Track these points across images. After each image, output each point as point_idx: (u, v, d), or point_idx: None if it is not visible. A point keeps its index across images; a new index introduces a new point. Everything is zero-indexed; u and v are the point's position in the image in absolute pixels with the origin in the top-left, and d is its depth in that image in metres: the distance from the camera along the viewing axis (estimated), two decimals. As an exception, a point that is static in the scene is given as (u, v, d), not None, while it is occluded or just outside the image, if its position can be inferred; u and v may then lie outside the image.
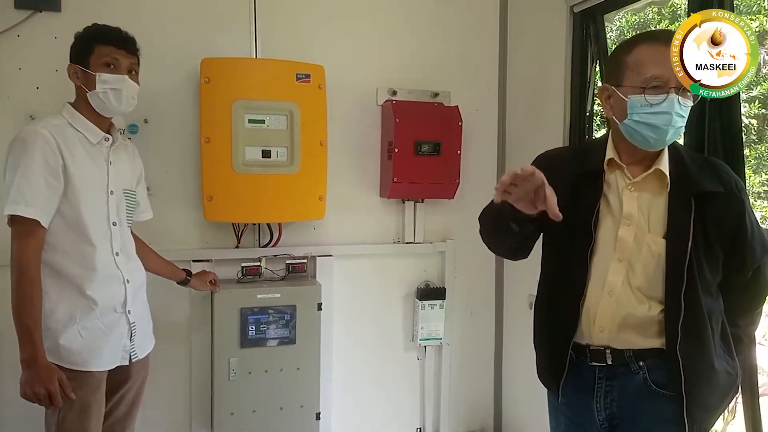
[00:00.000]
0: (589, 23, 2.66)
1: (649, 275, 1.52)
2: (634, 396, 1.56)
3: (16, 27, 2.41)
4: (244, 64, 2.61)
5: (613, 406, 1.58)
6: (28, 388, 1.75)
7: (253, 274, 2.73)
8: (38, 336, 1.76)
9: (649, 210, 1.54)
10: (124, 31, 1.97)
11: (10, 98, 2.42)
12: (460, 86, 3.08)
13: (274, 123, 2.58)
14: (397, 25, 2.99)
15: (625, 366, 1.56)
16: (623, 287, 1.53)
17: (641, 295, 1.53)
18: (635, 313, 1.53)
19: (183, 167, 2.66)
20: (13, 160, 1.79)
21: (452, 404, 3.20)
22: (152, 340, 2.18)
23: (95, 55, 1.92)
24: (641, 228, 1.53)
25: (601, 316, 1.55)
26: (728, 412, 1.84)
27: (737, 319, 1.64)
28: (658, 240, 1.51)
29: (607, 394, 1.59)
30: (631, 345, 1.54)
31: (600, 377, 1.59)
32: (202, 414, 2.73)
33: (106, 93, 1.91)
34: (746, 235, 1.52)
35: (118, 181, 1.99)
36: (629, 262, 1.53)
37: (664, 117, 1.45)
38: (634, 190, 1.55)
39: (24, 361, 1.75)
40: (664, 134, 1.46)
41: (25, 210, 1.76)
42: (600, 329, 1.55)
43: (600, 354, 1.58)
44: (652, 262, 1.51)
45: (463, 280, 3.18)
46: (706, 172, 1.53)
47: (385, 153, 2.92)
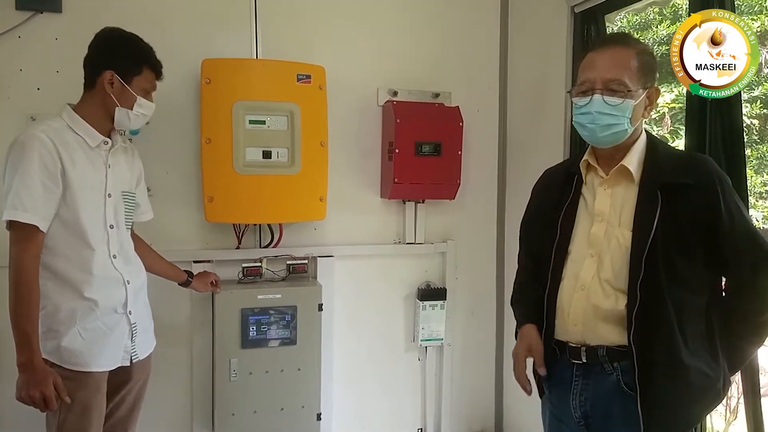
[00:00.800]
0: (590, 23, 2.65)
1: (615, 268, 1.56)
2: (608, 396, 1.58)
3: (17, 28, 2.41)
4: (245, 65, 2.61)
5: (587, 405, 1.62)
6: (23, 391, 1.75)
7: (254, 275, 2.73)
8: (35, 340, 1.76)
9: (621, 205, 1.59)
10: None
11: (10, 99, 2.42)
12: (461, 87, 3.08)
13: (274, 124, 2.58)
14: (398, 25, 2.99)
15: (600, 366, 1.59)
16: (593, 281, 1.59)
17: (609, 288, 1.57)
18: (602, 306, 1.56)
19: (184, 168, 2.66)
20: (12, 164, 1.79)
21: (453, 405, 3.20)
22: (153, 341, 2.18)
23: (142, 78, 1.97)
24: (612, 223, 1.59)
25: (574, 310, 1.61)
26: (730, 412, 1.83)
27: (737, 325, 1.59)
28: (626, 233, 1.55)
29: (582, 392, 1.63)
30: (603, 340, 1.58)
31: (577, 375, 1.64)
32: (203, 414, 2.73)
33: (137, 117, 1.97)
34: (722, 227, 1.50)
35: (116, 184, 1.99)
36: (599, 256, 1.59)
37: (587, 116, 1.56)
38: (608, 188, 1.62)
39: (21, 364, 1.75)
40: (592, 131, 1.57)
41: (24, 215, 1.75)
42: (574, 323, 1.61)
43: (576, 352, 1.62)
44: (619, 254, 1.55)
45: (464, 280, 3.18)
46: (680, 166, 1.56)
47: (385, 153, 2.92)
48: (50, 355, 1.85)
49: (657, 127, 4.78)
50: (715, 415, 3.24)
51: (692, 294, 1.54)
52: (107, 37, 1.98)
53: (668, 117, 4.80)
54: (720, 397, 1.59)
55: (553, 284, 1.67)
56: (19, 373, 1.76)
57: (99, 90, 1.93)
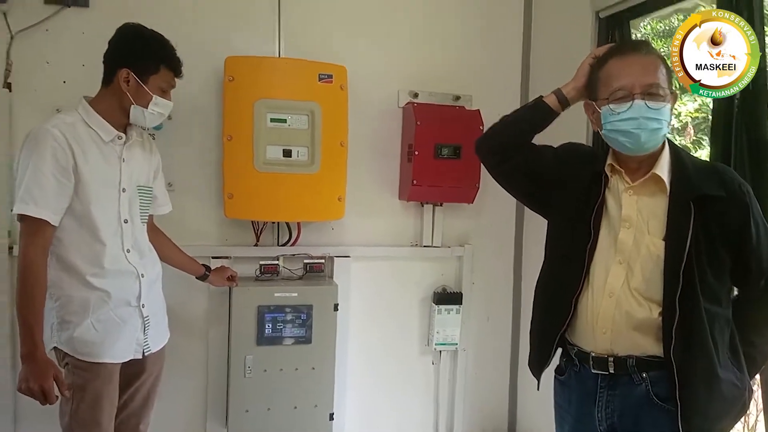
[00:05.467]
0: (615, 29, 2.63)
1: (646, 277, 1.53)
2: (636, 408, 1.55)
3: (44, 21, 2.45)
4: (268, 64, 2.63)
5: (614, 417, 1.58)
6: (23, 383, 1.76)
7: (271, 273, 2.74)
8: (38, 332, 1.78)
9: (648, 213, 1.56)
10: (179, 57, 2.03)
11: (37, 91, 2.46)
12: (483, 90, 3.07)
13: (295, 122, 2.59)
14: (421, 27, 2.99)
15: (628, 376, 1.56)
16: (622, 289, 1.55)
17: (640, 297, 1.54)
18: (635, 314, 1.53)
19: (205, 164, 2.68)
20: (25, 158, 1.80)
21: (466, 410, 3.18)
22: (167, 334, 2.19)
23: (159, 76, 1.97)
24: (640, 230, 1.56)
25: (603, 317, 1.57)
26: (748, 430, 1.81)
27: (752, 335, 1.59)
28: (657, 242, 1.53)
29: (608, 404, 1.59)
30: (633, 349, 1.55)
31: (602, 386, 1.60)
32: (217, 410, 2.74)
33: (153, 115, 1.97)
34: (751, 240, 1.50)
35: (131, 179, 2.00)
36: (629, 264, 1.56)
37: (632, 122, 1.50)
38: (633, 194, 1.58)
39: (23, 356, 1.77)
40: (637, 138, 1.51)
41: (34, 210, 1.76)
42: (603, 331, 1.57)
43: (603, 362, 1.58)
44: (650, 263, 1.53)
45: (480, 285, 3.17)
46: (708, 176, 1.53)
47: (405, 155, 2.92)
48: (64, 346, 1.87)
49: (680, 136, 4.73)
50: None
51: (721, 306, 1.53)
52: (125, 33, 1.98)
53: (691, 127, 4.75)
54: (746, 408, 1.58)
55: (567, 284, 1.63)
56: (21, 365, 1.78)
57: (116, 86, 1.94)
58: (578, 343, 1.64)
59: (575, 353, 1.66)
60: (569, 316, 1.62)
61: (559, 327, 1.64)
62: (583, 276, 1.60)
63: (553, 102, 1.77)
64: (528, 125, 1.82)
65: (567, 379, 1.71)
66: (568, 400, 1.71)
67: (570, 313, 1.62)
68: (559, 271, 1.70)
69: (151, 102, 1.95)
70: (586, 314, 1.60)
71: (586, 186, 1.65)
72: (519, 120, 1.85)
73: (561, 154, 1.81)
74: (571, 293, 1.61)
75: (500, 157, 1.83)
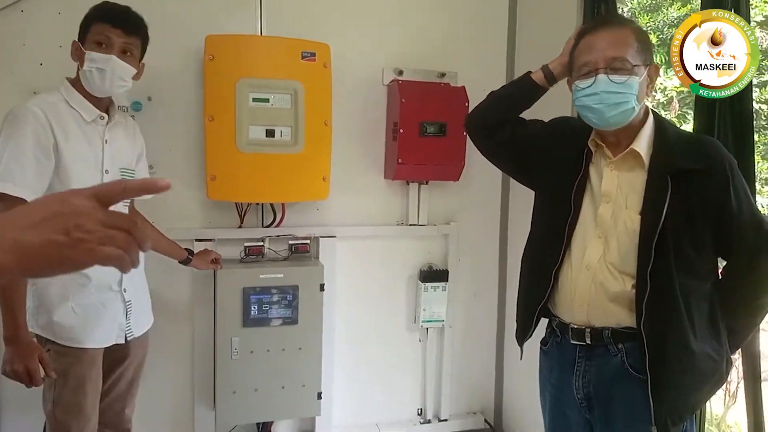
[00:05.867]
0: (601, 4, 2.60)
1: (622, 251, 1.55)
2: (611, 378, 1.60)
3: (19, 2, 2.39)
4: (249, 42, 2.59)
5: (590, 386, 1.63)
6: (8, 365, 1.75)
7: (256, 254, 2.73)
8: (21, 314, 1.76)
9: (628, 188, 1.58)
10: (128, 10, 1.92)
11: (14, 74, 2.41)
12: (468, 67, 3.04)
13: (278, 102, 2.56)
14: (404, 3, 2.95)
15: (604, 347, 1.60)
16: (599, 263, 1.58)
17: (615, 271, 1.57)
18: (610, 288, 1.57)
19: (186, 146, 2.65)
20: (4, 136, 1.77)
21: (453, 386, 3.21)
22: (150, 318, 2.18)
23: (91, 32, 1.89)
24: (619, 205, 1.58)
25: (580, 290, 1.61)
26: (729, 396, 1.84)
27: (735, 307, 1.61)
28: (633, 216, 1.54)
29: (585, 373, 1.64)
30: (609, 321, 1.58)
31: (580, 356, 1.65)
32: (204, 392, 2.75)
33: (92, 72, 1.86)
34: (731, 214, 1.50)
35: (114, 160, 1.97)
36: (606, 238, 1.58)
37: (593, 97, 1.52)
38: (614, 169, 1.60)
39: (6, 338, 1.76)
40: (601, 113, 1.53)
41: (12, 188, 1.73)
42: (580, 303, 1.61)
43: (580, 333, 1.63)
44: (626, 238, 1.55)
45: (466, 262, 3.18)
46: (691, 149, 1.54)
47: (390, 134, 2.90)
48: (44, 330, 1.86)
49: (665, 110, 4.73)
50: (715, 399, 3.26)
51: (699, 280, 1.54)
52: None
53: (676, 101, 4.75)
54: (723, 379, 1.61)
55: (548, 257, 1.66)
56: (4, 348, 1.77)
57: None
58: (559, 314, 1.69)
59: (556, 324, 1.71)
60: (549, 288, 1.66)
61: (540, 299, 1.69)
62: (563, 249, 1.63)
63: (539, 78, 1.79)
64: (516, 100, 1.85)
65: (549, 348, 1.77)
66: (550, 369, 1.78)
67: (550, 285, 1.66)
68: (541, 244, 1.74)
69: (86, 58, 1.86)
70: (566, 287, 1.64)
71: (571, 161, 1.67)
72: (507, 95, 1.88)
73: (549, 129, 1.83)
74: (552, 266, 1.65)
75: (488, 132, 1.85)
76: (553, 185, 1.71)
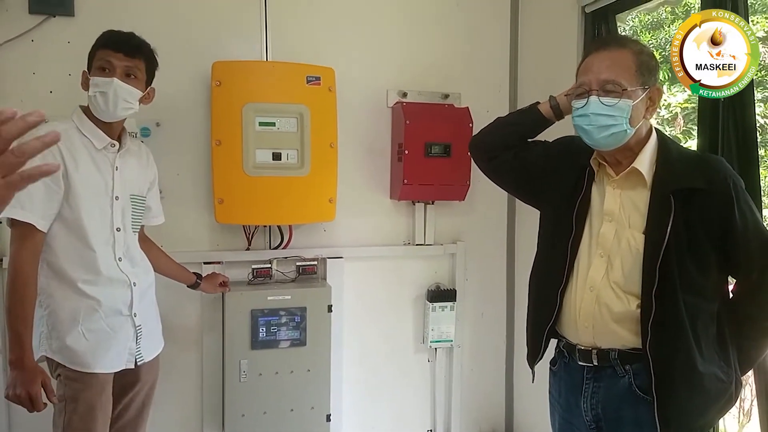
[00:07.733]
0: (601, 23, 2.64)
1: (625, 270, 1.54)
2: (619, 399, 1.58)
3: (30, 32, 2.44)
4: (255, 67, 2.63)
5: (599, 408, 1.61)
6: (11, 389, 1.76)
7: (264, 276, 2.74)
8: (27, 339, 1.77)
9: (630, 207, 1.57)
10: (130, 35, 1.96)
11: (23, 102, 2.44)
12: (471, 87, 3.07)
13: (284, 125, 2.59)
14: (408, 26, 2.99)
15: (612, 368, 1.58)
16: (603, 282, 1.57)
17: (619, 291, 1.55)
18: (614, 308, 1.55)
19: (194, 170, 2.68)
20: None
21: (463, 406, 3.19)
22: (161, 343, 2.19)
23: (95, 60, 1.93)
24: (621, 224, 1.57)
25: (585, 311, 1.59)
26: (743, 415, 1.82)
27: (745, 328, 1.58)
28: (637, 235, 1.53)
29: (593, 395, 1.62)
30: (615, 342, 1.56)
31: (588, 378, 1.63)
32: (213, 415, 2.74)
33: (96, 96, 1.88)
34: (736, 233, 1.48)
35: (124, 187, 1.99)
36: (609, 257, 1.57)
37: (584, 118, 1.54)
38: (617, 188, 1.60)
39: (11, 362, 1.76)
40: (590, 134, 1.54)
41: (22, 214, 1.76)
42: (585, 324, 1.59)
43: (587, 354, 1.61)
44: (630, 257, 1.54)
45: (473, 282, 3.17)
46: (694, 168, 1.53)
47: (395, 155, 2.92)
48: (56, 355, 1.87)
49: (669, 127, 4.74)
50: (729, 418, 3.22)
51: (705, 300, 1.52)
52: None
53: (681, 117, 4.76)
54: (733, 401, 1.58)
55: (553, 277, 1.66)
56: (9, 371, 1.77)
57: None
58: (566, 335, 1.68)
59: (564, 345, 1.70)
60: (556, 309, 1.65)
61: (548, 320, 1.67)
62: (566, 269, 1.62)
63: (546, 111, 1.82)
64: (521, 129, 1.87)
65: (558, 370, 1.75)
66: (558, 391, 1.75)
67: (556, 306, 1.65)
68: (546, 264, 1.74)
69: (90, 84, 1.89)
70: (570, 308, 1.63)
71: (573, 180, 1.67)
72: (512, 124, 1.90)
73: (552, 150, 1.83)
74: (557, 287, 1.64)
75: (491, 155, 1.87)
76: (556, 205, 1.71)
